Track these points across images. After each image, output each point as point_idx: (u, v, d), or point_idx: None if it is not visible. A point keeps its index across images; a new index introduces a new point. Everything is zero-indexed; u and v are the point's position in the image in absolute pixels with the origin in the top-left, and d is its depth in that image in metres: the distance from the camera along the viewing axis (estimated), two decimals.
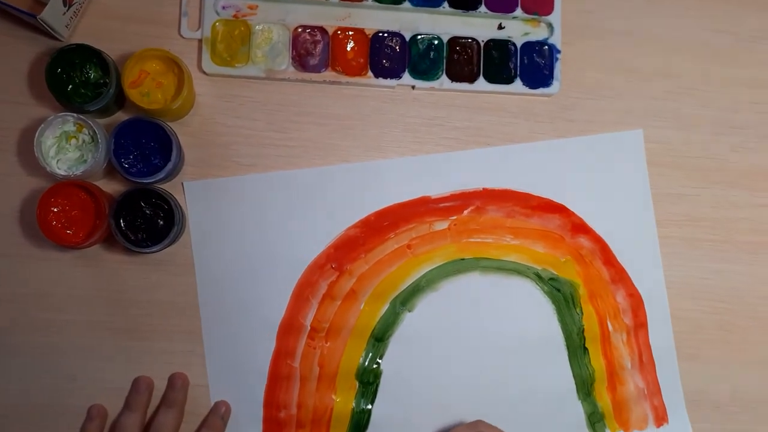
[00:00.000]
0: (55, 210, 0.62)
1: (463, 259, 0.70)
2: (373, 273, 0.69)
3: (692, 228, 0.72)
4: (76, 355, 0.65)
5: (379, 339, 0.68)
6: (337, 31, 0.68)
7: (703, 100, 0.73)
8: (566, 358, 0.70)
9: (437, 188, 0.70)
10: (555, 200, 0.71)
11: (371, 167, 0.69)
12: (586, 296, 0.71)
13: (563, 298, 0.71)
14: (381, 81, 0.69)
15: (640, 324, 0.71)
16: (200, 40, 0.67)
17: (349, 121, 0.69)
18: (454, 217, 0.70)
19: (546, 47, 0.71)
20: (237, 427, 0.66)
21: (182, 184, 0.67)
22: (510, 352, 0.69)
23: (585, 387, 0.70)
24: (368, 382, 0.68)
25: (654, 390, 0.71)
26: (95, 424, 0.64)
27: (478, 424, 0.65)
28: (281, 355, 0.67)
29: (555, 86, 0.71)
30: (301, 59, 0.68)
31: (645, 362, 0.71)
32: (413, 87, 0.70)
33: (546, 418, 0.69)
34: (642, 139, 0.72)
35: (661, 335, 0.72)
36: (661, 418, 0.71)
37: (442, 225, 0.70)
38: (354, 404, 0.68)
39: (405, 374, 0.68)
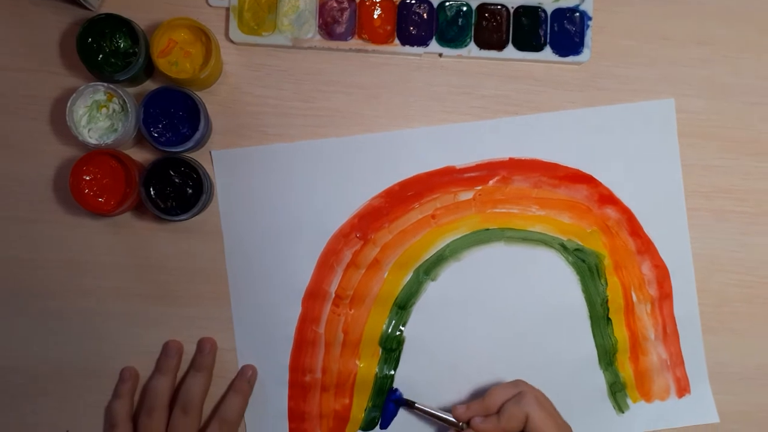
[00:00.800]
0: (87, 178, 0.63)
1: (487, 230, 0.70)
2: (397, 242, 0.69)
3: (721, 200, 0.71)
4: (109, 319, 0.67)
5: (402, 307, 0.69)
6: None
7: (737, 67, 0.72)
8: (589, 328, 0.70)
9: (462, 158, 0.70)
10: (583, 170, 0.71)
11: (396, 137, 0.69)
12: (612, 267, 0.71)
13: (588, 268, 0.70)
14: (408, 49, 0.68)
15: (665, 295, 0.71)
16: (227, 9, 0.67)
17: (376, 90, 0.69)
18: (479, 187, 0.70)
19: (577, 14, 0.70)
20: (264, 390, 0.68)
21: (210, 152, 0.67)
22: (532, 321, 0.70)
23: (607, 357, 0.70)
24: (391, 348, 0.69)
25: (677, 361, 0.71)
26: (128, 386, 0.66)
27: (519, 383, 0.66)
28: (306, 321, 0.69)
29: (585, 54, 0.70)
30: (327, 27, 0.68)
31: (669, 333, 0.71)
32: (440, 55, 0.69)
33: (567, 387, 0.70)
34: (673, 109, 0.71)
35: (685, 306, 0.71)
36: (683, 388, 0.71)
37: (467, 195, 0.70)
38: (377, 370, 0.69)
39: (427, 342, 0.69)
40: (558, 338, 0.70)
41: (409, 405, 0.68)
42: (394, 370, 0.69)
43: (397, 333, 0.69)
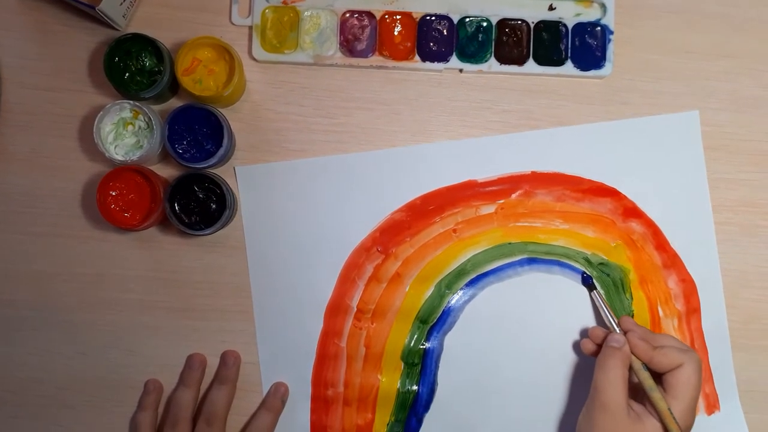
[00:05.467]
0: (114, 194, 0.64)
1: (510, 243, 0.70)
2: (419, 256, 0.69)
3: (749, 214, 0.70)
4: (134, 332, 0.68)
5: (424, 321, 0.69)
6: (384, 15, 0.69)
7: (762, 80, 0.71)
8: None
9: (484, 172, 0.70)
10: (606, 184, 0.70)
11: (417, 151, 0.69)
12: (637, 281, 0.70)
13: (612, 283, 0.70)
14: (428, 65, 0.69)
15: (692, 310, 0.70)
16: (250, 27, 0.69)
17: (397, 106, 0.69)
18: (502, 201, 0.70)
19: (598, 28, 0.70)
20: (287, 404, 0.68)
21: (234, 168, 0.69)
22: (557, 336, 0.69)
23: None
24: (413, 363, 0.69)
25: (706, 377, 0.70)
26: (152, 398, 0.67)
27: (693, 353, 0.64)
28: (329, 335, 0.69)
29: (607, 68, 0.69)
30: (348, 44, 0.69)
31: (697, 348, 0.70)
32: (461, 70, 0.69)
33: None
34: (698, 121, 0.70)
35: (714, 322, 0.70)
36: (712, 405, 0.70)
37: (488, 209, 0.70)
38: (399, 384, 0.69)
39: (451, 356, 0.69)
40: (583, 355, 0.68)
41: (592, 289, 0.69)
42: (417, 385, 0.69)
43: (420, 347, 0.69)
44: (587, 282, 0.69)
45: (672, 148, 0.70)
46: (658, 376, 0.62)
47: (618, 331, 0.65)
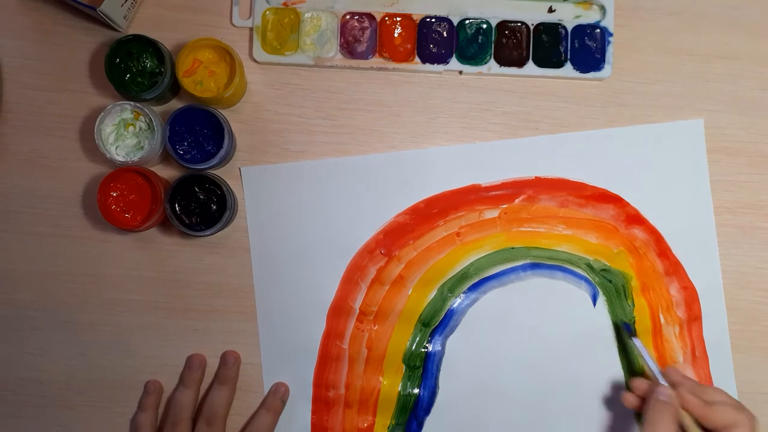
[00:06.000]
0: (114, 194, 0.65)
1: (513, 248, 0.70)
2: (422, 259, 0.69)
3: (749, 216, 0.70)
4: (134, 333, 0.68)
5: (426, 324, 0.69)
6: (384, 17, 0.69)
7: (763, 82, 0.71)
8: (616, 349, 0.69)
9: (488, 176, 0.70)
10: (610, 190, 0.70)
11: (422, 155, 0.70)
12: (639, 288, 0.70)
13: (614, 289, 0.70)
14: (428, 67, 0.69)
15: (694, 317, 0.70)
16: (251, 29, 0.69)
17: (397, 108, 0.70)
18: (505, 206, 0.70)
19: (598, 30, 0.70)
20: (288, 405, 0.68)
21: (239, 169, 0.69)
22: (558, 341, 0.69)
23: None
24: (415, 366, 0.69)
25: (707, 384, 0.70)
26: (152, 399, 0.67)
27: (745, 415, 0.61)
28: (331, 337, 0.69)
29: (607, 70, 0.70)
30: (349, 46, 0.69)
31: (698, 356, 0.70)
32: (460, 72, 0.70)
33: (594, 408, 0.69)
34: (702, 130, 0.70)
35: (715, 329, 0.70)
36: None
37: (492, 213, 0.70)
38: (400, 387, 0.69)
39: (452, 359, 0.69)
40: (584, 359, 0.69)
41: (632, 335, 0.67)
42: (418, 388, 0.69)
43: (421, 350, 0.69)
44: (628, 330, 0.69)
45: (676, 155, 0.71)
46: None
47: (664, 383, 0.62)
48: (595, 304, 0.70)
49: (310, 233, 0.69)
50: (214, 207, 0.65)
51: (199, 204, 0.65)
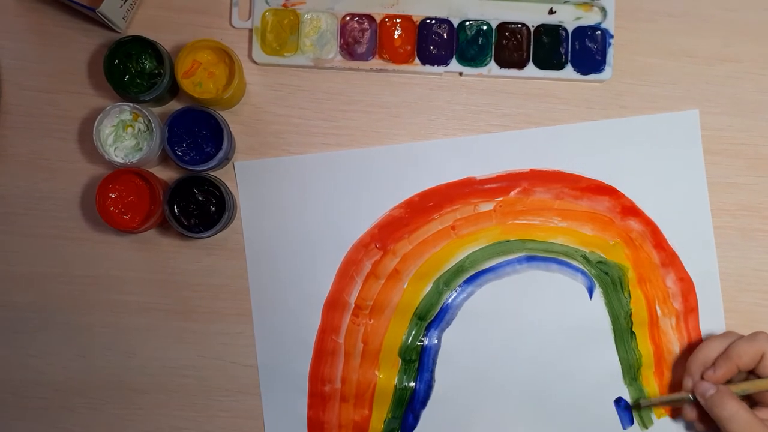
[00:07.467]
0: (113, 196, 0.64)
1: (508, 241, 0.70)
2: (417, 253, 0.69)
3: (748, 218, 0.70)
4: (133, 334, 0.68)
5: (422, 318, 0.69)
6: (384, 18, 0.69)
7: (763, 84, 0.71)
8: (612, 341, 0.70)
9: (483, 169, 0.70)
10: (605, 182, 0.70)
11: (416, 148, 0.70)
12: (635, 280, 0.70)
13: (611, 281, 0.70)
14: (428, 68, 0.69)
15: (690, 309, 0.70)
16: (251, 30, 0.69)
17: (396, 109, 0.70)
18: (500, 199, 0.70)
19: (598, 32, 0.70)
20: (284, 400, 0.68)
21: (233, 164, 0.68)
22: (555, 334, 0.69)
23: (631, 371, 0.69)
24: (410, 359, 0.69)
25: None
26: None
27: (729, 333, 0.65)
28: (326, 331, 0.69)
29: (607, 72, 0.69)
30: (348, 47, 0.69)
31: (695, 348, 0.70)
32: (461, 74, 0.69)
33: (591, 401, 0.69)
34: (697, 120, 0.70)
35: (712, 321, 0.70)
36: None
37: (487, 206, 0.70)
38: (396, 381, 0.69)
39: (448, 353, 0.69)
40: (581, 351, 0.69)
41: (638, 406, 0.69)
42: (414, 382, 0.69)
43: (417, 344, 0.69)
44: (639, 408, 0.69)
45: (671, 146, 0.71)
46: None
47: (689, 396, 0.65)
48: (591, 297, 0.70)
49: (304, 227, 0.69)
50: (213, 208, 0.65)
51: (198, 205, 0.65)
